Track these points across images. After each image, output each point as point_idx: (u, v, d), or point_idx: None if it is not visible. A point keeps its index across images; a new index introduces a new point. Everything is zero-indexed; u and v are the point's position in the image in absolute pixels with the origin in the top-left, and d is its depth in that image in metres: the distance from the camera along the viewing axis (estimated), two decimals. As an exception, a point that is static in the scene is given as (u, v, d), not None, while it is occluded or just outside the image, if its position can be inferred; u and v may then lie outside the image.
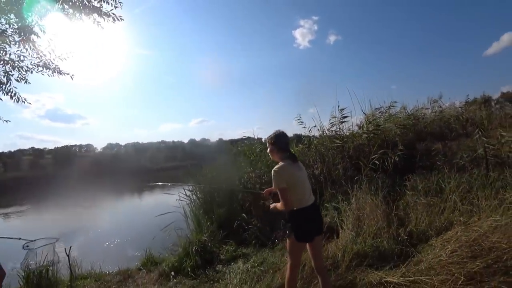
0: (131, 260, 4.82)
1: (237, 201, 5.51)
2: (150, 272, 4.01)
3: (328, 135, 6.04)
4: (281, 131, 2.45)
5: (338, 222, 3.82)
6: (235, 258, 4.03)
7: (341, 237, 3.58)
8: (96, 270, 4.16)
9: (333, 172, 5.27)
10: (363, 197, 3.95)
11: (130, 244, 6.43)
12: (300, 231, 2.31)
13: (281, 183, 2.22)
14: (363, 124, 5.65)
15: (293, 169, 2.29)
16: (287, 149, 2.39)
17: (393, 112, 5.70)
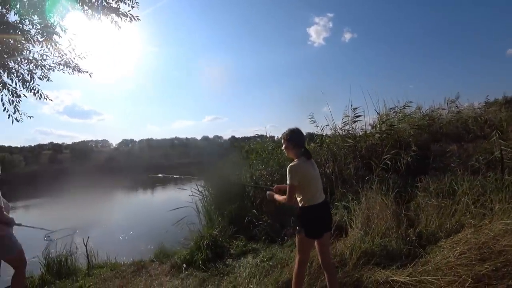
0: (145, 252, 5.05)
1: (248, 197, 5.62)
2: (162, 264, 4.20)
3: (340, 134, 6.05)
4: (296, 128, 2.50)
5: (347, 221, 3.87)
6: (245, 253, 4.16)
7: (349, 235, 3.64)
8: (112, 261, 4.39)
9: (344, 171, 5.30)
10: (373, 197, 3.98)
11: (144, 237, 6.70)
12: (310, 228, 2.39)
13: (294, 180, 2.29)
14: (376, 124, 5.62)
15: (307, 166, 2.36)
16: (302, 146, 2.43)
17: (408, 112, 5.63)
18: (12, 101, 4.11)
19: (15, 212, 11.96)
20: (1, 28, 3.16)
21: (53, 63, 4.39)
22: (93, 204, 14.34)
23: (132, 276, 3.82)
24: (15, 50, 3.70)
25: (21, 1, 3.56)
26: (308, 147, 6.57)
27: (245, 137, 8.25)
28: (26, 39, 3.75)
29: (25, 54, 3.95)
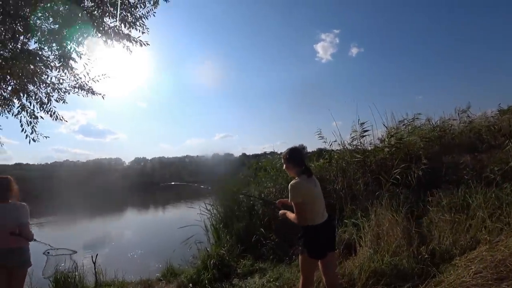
0: (153, 271, 5.07)
1: (257, 215, 5.61)
2: (169, 283, 4.21)
3: (349, 149, 6.04)
4: (295, 147, 2.57)
5: (356, 238, 3.80)
6: (252, 272, 4.12)
7: (358, 254, 3.56)
8: (120, 279, 4.43)
9: (354, 187, 5.24)
10: (383, 213, 3.92)
11: (153, 255, 6.75)
12: (313, 248, 2.37)
13: (298, 198, 2.30)
14: (385, 138, 5.59)
15: (309, 185, 2.37)
16: (303, 164, 2.45)
17: (418, 124, 5.59)
18: (30, 122, 4.42)
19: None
20: (22, 56, 3.47)
21: (68, 86, 4.71)
22: (106, 221, 14.62)
23: (138, 295, 3.85)
24: (34, 75, 4.02)
25: (42, 30, 3.93)
26: (316, 163, 6.63)
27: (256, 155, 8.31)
28: (45, 65, 4.07)
29: (43, 78, 4.27)
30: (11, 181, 2.59)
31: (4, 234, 2.37)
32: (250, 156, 11.07)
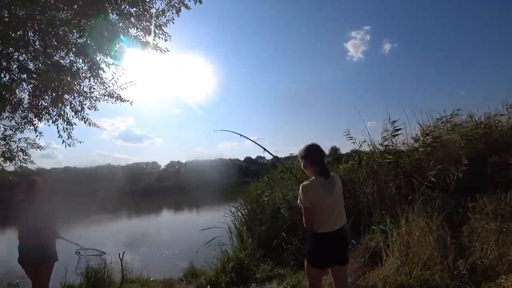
0: (176, 271, 5.26)
1: (282, 218, 5.53)
2: (189, 284, 4.33)
3: (379, 150, 5.68)
4: (313, 144, 2.38)
5: (383, 247, 3.54)
6: (271, 278, 4.05)
7: (385, 264, 3.31)
8: (144, 277, 4.66)
9: (385, 190, 4.90)
10: (415, 219, 3.59)
11: (179, 255, 7.00)
12: (315, 256, 2.25)
13: (306, 202, 2.17)
14: (419, 137, 5.15)
15: (322, 188, 2.18)
16: (320, 163, 2.28)
17: (458, 121, 5.04)
18: (66, 129, 4.85)
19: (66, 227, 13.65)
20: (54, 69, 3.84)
21: (99, 95, 5.08)
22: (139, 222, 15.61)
23: (159, 294, 4.01)
24: (67, 85, 4.42)
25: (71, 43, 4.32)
26: (345, 165, 6.33)
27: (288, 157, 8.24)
28: (76, 76, 4.45)
29: (76, 88, 4.67)
30: (38, 183, 2.87)
31: (31, 232, 2.63)
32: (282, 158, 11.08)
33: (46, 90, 4.30)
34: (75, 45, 4.18)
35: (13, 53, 3.75)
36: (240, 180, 23.56)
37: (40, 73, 3.99)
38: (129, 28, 4.64)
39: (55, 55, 4.16)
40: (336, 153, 8.84)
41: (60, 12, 3.66)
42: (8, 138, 4.42)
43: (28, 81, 4.18)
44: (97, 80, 4.82)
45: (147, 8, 4.61)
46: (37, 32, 3.73)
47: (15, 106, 4.19)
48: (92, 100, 4.97)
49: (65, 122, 4.81)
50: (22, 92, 4.37)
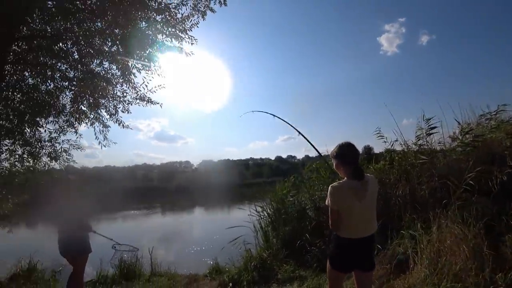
0: (203, 267, 5.48)
1: (307, 219, 5.49)
2: (213, 280, 4.49)
3: (413, 149, 5.37)
4: (346, 142, 2.21)
5: (411, 254, 3.36)
6: (292, 279, 4.05)
7: (412, 273, 3.15)
8: (172, 271, 4.94)
9: (417, 192, 4.64)
10: (449, 226, 3.36)
11: (205, 252, 7.27)
12: (336, 259, 2.21)
13: (333, 204, 2.08)
14: (457, 135, 4.77)
15: (353, 193, 2.04)
16: (353, 163, 2.12)
17: (505, 117, 4.57)
18: (102, 131, 5.30)
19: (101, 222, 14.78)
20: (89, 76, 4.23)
21: (131, 98, 5.45)
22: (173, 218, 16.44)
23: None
24: (103, 90, 4.82)
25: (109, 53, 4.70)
26: (376, 165, 6.06)
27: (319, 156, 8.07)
28: (110, 82, 4.84)
29: (110, 93, 5.08)
30: (72, 181, 3.20)
31: (67, 226, 2.95)
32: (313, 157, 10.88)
33: (84, 96, 4.74)
34: (109, 53, 4.55)
35: (55, 63, 4.20)
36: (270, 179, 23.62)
37: (78, 80, 4.42)
38: (157, 34, 4.93)
39: (91, 63, 4.56)
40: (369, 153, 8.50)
41: (94, 23, 4.01)
42: (53, 140, 4.94)
43: (69, 88, 4.65)
44: (129, 85, 5.18)
45: (173, 15, 4.86)
46: (75, 43, 4.13)
47: (59, 111, 4.68)
48: (125, 104, 5.35)
49: (101, 125, 5.26)
50: (64, 99, 4.87)
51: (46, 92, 4.34)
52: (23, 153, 4.66)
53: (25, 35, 3.77)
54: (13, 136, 4.16)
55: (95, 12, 3.81)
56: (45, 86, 4.49)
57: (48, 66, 4.13)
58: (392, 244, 3.83)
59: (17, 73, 4.27)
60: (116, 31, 4.40)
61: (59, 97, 4.72)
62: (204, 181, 42.41)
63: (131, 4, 3.89)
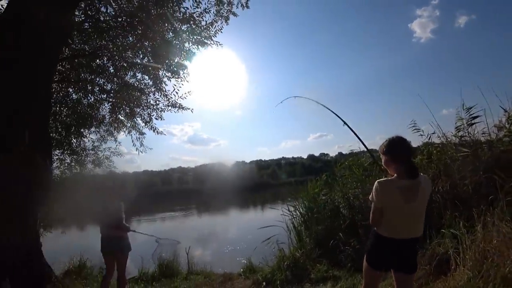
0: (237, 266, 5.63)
1: (341, 217, 5.40)
2: (247, 279, 4.61)
3: (453, 142, 5.03)
4: (397, 137, 2.04)
5: (452, 254, 3.16)
6: (325, 279, 4.02)
7: (453, 275, 2.97)
8: (207, 270, 5.16)
9: (459, 188, 4.34)
10: (497, 224, 3.11)
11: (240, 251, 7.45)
12: (372, 255, 2.15)
13: (377, 202, 1.97)
14: (504, 124, 4.36)
15: (401, 194, 1.89)
16: (405, 160, 1.94)
17: None
18: (139, 138, 5.71)
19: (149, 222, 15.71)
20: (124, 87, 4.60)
21: (163, 106, 5.80)
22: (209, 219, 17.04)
23: (219, 286, 4.41)
24: (137, 100, 5.20)
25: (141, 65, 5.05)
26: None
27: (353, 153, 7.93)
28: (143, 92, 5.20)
29: (144, 102, 5.45)
30: (112, 186, 3.50)
31: (108, 226, 3.26)
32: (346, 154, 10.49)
33: (121, 106, 5.16)
34: (141, 65, 4.89)
35: (94, 78, 4.64)
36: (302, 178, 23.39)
37: (115, 92, 4.82)
38: (184, 43, 5.18)
39: (125, 76, 4.95)
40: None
41: (126, 38, 4.35)
42: (96, 149, 5.47)
43: (108, 100, 5.10)
44: (161, 93, 5.52)
45: (197, 23, 5.07)
46: (110, 59, 4.52)
47: (99, 122, 5.16)
48: (158, 111, 5.73)
49: (137, 132, 5.67)
50: (104, 110, 5.35)
51: (88, 105, 4.81)
52: (71, 161, 5.22)
53: (67, 55, 4.22)
54: (62, 146, 4.68)
55: (126, 28, 4.13)
56: (86, 100, 5.00)
57: (88, 81, 4.58)
58: (431, 243, 3.63)
59: (62, 90, 4.81)
60: (146, 43, 4.71)
61: (99, 109, 5.21)
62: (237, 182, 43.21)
63: (157, 17, 4.15)
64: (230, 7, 5.22)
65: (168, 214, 19.76)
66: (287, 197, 10.80)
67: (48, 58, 2.72)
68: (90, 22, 3.87)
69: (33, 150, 2.43)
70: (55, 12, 2.40)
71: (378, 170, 5.62)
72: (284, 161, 69.78)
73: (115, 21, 4.02)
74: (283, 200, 13.14)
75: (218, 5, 5.03)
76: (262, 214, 18.21)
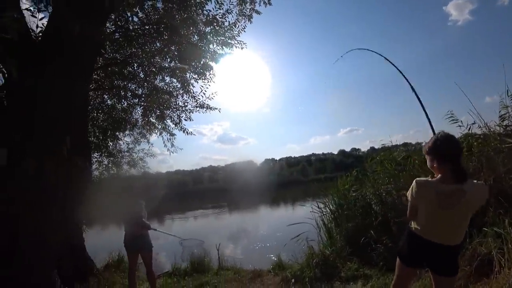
0: (267, 263, 5.70)
1: (373, 214, 5.24)
2: (276, 276, 4.65)
3: (497, 132, 4.63)
4: (444, 134, 1.84)
5: (496, 255, 2.93)
6: (356, 277, 3.94)
7: (497, 277, 2.76)
8: (237, 266, 5.29)
9: (504, 183, 4.00)
10: (549, 223, 2.84)
11: (269, 248, 7.51)
12: (403, 250, 2.09)
13: (413, 198, 1.89)
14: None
15: (437, 199, 1.76)
16: (452, 161, 1.76)
17: None
18: (169, 139, 5.99)
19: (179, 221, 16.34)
20: (154, 91, 4.85)
21: (191, 107, 6.02)
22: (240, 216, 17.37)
23: (249, 282, 4.49)
24: (167, 103, 5.45)
25: (169, 68, 5.29)
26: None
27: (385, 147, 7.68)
28: (173, 95, 5.44)
29: (173, 104, 5.70)
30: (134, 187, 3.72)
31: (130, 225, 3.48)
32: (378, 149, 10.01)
33: (152, 109, 5.45)
34: (168, 69, 5.13)
35: (126, 84, 4.95)
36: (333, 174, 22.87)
37: (146, 96, 5.11)
38: (209, 44, 5.32)
39: (154, 80, 5.22)
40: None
41: (153, 44, 4.58)
42: (130, 151, 5.84)
43: (139, 104, 5.42)
44: (189, 95, 5.74)
45: (220, 24, 5.18)
46: (140, 65, 4.79)
47: (133, 125, 5.51)
48: (187, 112, 5.96)
49: (168, 134, 5.96)
50: (136, 114, 5.70)
51: (122, 110, 5.15)
52: (108, 163, 5.64)
53: (101, 65, 4.57)
54: (100, 149, 5.07)
55: (153, 35, 4.35)
56: (120, 105, 5.36)
57: (121, 87, 4.91)
58: (472, 243, 3.39)
59: (98, 97, 5.22)
60: (173, 48, 4.91)
61: (132, 113, 5.57)
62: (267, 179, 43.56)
63: (182, 22, 4.30)
64: (253, 5, 5.26)
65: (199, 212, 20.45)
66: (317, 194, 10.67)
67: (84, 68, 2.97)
68: (120, 32, 4.14)
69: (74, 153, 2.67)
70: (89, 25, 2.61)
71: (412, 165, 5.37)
72: (314, 157, 68.77)
73: (143, 29, 4.25)
74: (313, 197, 12.99)
75: (241, 4, 5.09)
76: (292, 211, 18.12)
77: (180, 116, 6.02)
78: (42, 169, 2.48)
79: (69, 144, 2.58)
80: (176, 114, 5.99)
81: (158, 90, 5.12)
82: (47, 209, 2.55)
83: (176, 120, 6.01)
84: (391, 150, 7.82)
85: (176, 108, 5.90)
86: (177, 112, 5.96)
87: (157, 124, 5.84)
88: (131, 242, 3.60)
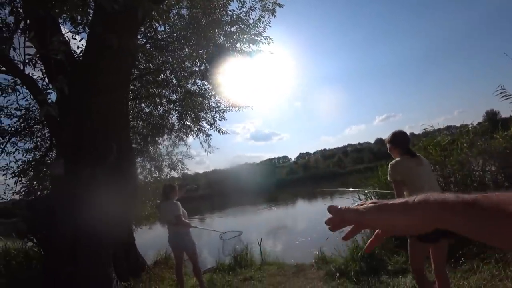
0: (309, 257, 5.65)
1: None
2: (319, 270, 4.59)
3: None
4: (398, 131, 2.66)
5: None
6: (404, 271, 3.74)
7: None
8: (280, 260, 5.32)
9: None
10: None
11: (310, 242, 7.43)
12: None
13: (395, 175, 2.43)
14: None
15: (410, 163, 2.44)
16: (404, 147, 2.56)
17: None
18: (206, 140, 6.19)
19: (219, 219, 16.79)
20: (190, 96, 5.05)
21: (224, 107, 6.16)
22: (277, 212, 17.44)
23: (292, 276, 4.49)
24: (200, 105, 5.64)
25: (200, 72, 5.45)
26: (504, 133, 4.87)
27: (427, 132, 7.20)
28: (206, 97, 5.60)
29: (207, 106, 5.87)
30: (172, 187, 3.87)
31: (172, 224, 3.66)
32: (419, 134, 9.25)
33: (187, 113, 5.67)
34: (199, 72, 5.29)
35: (161, 91, 5.21)
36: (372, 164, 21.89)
37: (180, 101, 5.33)
38: (235, 44, 5.38)
39: (187, 84, 5.41)
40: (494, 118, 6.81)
41: (183, 50, 4.75)
42: (170, 154, 6.14)
43: (175, 109, 5.67)
44: (220, 95, 5.86)
45: (245, 22, 5.20)
46: (172, 71, 5.01)
47: (170, 129, 5.78)
48: (221, 112, 6.10)
49: (204, 135, 6.17)
50: (172, 118, 5.97)
51: (159, 116, 5.43)
52: (151, 167, 5.99)
53: (136, 75, 4.86)
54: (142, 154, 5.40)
55: (181, 41, 4.52)
56: (157, 111, 5.65)
57: (156, 95, 5.18)
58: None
59: (136, 106, 5.54)
60: (201, 51, 5.05)
61: (169, 118, 5.84)
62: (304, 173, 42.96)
63: (208, 25, 4.41)
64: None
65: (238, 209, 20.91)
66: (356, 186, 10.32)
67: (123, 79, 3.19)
68: (151, 42, 4.36)
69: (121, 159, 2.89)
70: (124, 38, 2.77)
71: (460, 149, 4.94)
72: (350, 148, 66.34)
73: (171, 37, 4.44)
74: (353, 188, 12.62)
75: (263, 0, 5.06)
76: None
77: (214, 117, 6.20)
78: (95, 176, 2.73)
79: (116, 151, 2.79)
80: (210, 115, 6.18)
81: (191, 94, 5.31)
82: (101, 213, 2.80)
83: (211, 121, 6.20)
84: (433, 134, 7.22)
85: (209, 109, 6.07)
86: (211, 113, 6.14)
87: (193, 127, 6.08)
88: (174, 241, 3.82)
